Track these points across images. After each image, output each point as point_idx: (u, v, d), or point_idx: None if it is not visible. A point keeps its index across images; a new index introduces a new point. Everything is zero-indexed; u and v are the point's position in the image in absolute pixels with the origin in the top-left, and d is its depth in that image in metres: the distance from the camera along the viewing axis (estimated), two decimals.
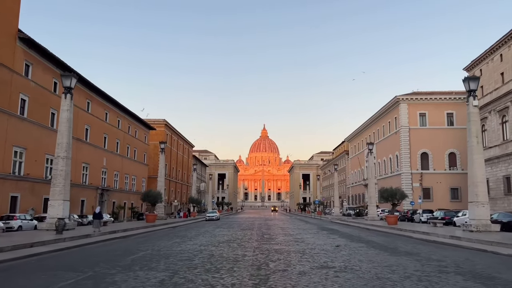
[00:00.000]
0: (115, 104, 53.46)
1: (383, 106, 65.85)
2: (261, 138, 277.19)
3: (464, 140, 60.03)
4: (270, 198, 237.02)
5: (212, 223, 43.44)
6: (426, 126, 59.91)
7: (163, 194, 46.66)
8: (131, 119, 60.04)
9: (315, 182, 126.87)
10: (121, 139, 56.21)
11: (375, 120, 71.68)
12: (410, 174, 59.02)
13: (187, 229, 31.63)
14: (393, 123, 63.27)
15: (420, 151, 59.27)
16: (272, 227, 34.11)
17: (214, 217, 51.78)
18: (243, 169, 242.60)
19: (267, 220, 50.91)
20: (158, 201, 38.66)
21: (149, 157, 74.67)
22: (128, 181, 58.98)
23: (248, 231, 28.14)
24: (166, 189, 78.97)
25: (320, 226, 36.85)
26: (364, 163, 78.23)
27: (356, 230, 30.57)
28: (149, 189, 42.89)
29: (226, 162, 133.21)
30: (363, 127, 79.07)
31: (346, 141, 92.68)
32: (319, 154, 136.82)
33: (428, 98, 59.92)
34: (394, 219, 34.55)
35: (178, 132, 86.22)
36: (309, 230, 29.12)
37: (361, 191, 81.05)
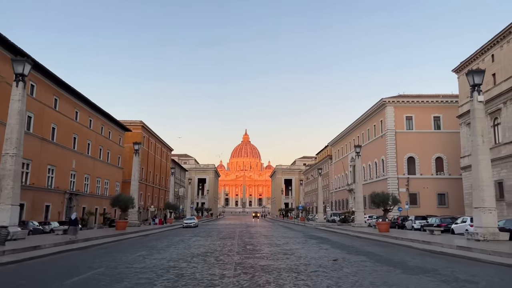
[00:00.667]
0: (86, 103, 49.64)
1: (369, 109, 63.81)
2: (243, 143, 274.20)
3: (451, 144, 58.70)
4: (251, 204, 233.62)
5: (189, 230, 40.07)
6: (412, 129, 58.04)
7: (137, 199, 43.04)
8: (104, 119, 56.19)
9: (297, 187, 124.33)
10: (93, 140, 52.31)
11: (360, 124, 69.61)
12: (397, 178, 56.95)
13: (159, 238, 28.25)
14: (379, 127, 61.21)
15: (406, 155, 57.30)
16: (255, 235, 31.03)
17: (192, 224, 48.37)
18: (224, 174, 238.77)
19: (249, 227, 47.77)
20: (129, 206, 35.10)
21: (124, 160, 70.62)
22: (100, 185, 54.99)
23: (228, 240, 24.99)
24: (142, 194, 75.09)
25: (307, 233, 33.97)
26: (348, 168, 76.07)
27: (347, 239, 27.80)
28: (119, 193, 39.17)
29: (207, 167, 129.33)
30: (348, 131, 76.99)
31: (330, 145, 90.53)
32: (302, 159, 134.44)
33: (415, 101, 58.12)
34: (386, 226, 31.96)
35: (155, 134, 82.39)
36: (296, 239, 26.17)
37: (344, 196, 78.80)
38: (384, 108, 58.45)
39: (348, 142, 77.07)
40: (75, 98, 46.93)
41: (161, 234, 34.03)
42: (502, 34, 39.73)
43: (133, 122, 72.26)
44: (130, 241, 25.70)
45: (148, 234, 33.00)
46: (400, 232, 32.88)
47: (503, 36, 39.56)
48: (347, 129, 76.87)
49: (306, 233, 33.95)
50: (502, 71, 42.48)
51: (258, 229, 42.11)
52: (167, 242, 23.79)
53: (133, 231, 34.01)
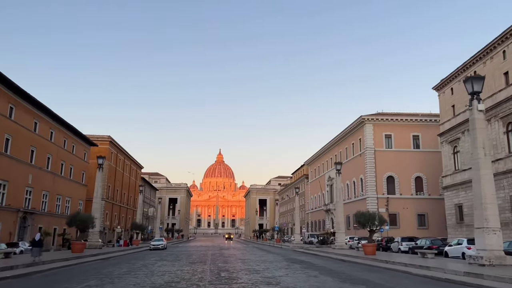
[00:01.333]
0: (47, 113, 45.63)
1: (347, 127, 62.14)
2: (217, 162, 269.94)
3: (430, 164, 57.36)
4: (224, 225, 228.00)
5: (157, 253, 36.27)
6: (392, 148, 56.58)
7: (99, 218, 39.05)
8: (68, 132, 52.04)
9: (272, 208, 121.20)
10: (53, 154, 48.04)
11: (338, 142, 67.84)
12: (376, 198, 54.94)
13: (120, 262, 24.58)
14: (358, 145, 59.48)
15: (386, 174, 55.54)
16: (230, 258, 27.74)
17: (160, 246, 44.43)
18: (197, 194, 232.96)
19: (222, 250, 44.22)
20: (89, 226, 31.16)
21: (89, 177, 65.87)
22: (60, 203, 50.38)
23: (199, 265, 21.68)
24: (108, 214, 70.29)
25: (286, 257, 30.91)
26: (325, 187, 73.87)
27: (332, 263, 24.97)
28: (77, 212, 35.09)
29: (179, 186, 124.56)
30: (325, 150, 75.10)
31: (306, 164, 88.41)
32: (277, 179, 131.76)
33: (394, 120, 56.90)
34: (372, 248, 29.37)
35: (125, 151, 78.16)
36: (276, 263, 23.12)
37: (321, 217, 76.29)
38: (363, 126, 56.86)
39: (325, 161, 75.12)
40: (35, 107, 42.98)
41: (124, 257, 30.21)
42: (485, 50, 38.81)
43: (100, 137, 68.11)
44: (84, 266, 21.99)
45: (109, 258, 29.17)
46: (387, 255, 30.34)
47: (487, 52, 38.62)
48: (324, 147, 75.03)
49: (285, 256, 30.89)
50: (485, 89, 41.56)
51: (232, 252, 38.71)
52: (127, 267, 20.27)
53: (91, 254, 30.09)
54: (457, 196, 43.26)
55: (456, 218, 43.28)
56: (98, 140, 67.25)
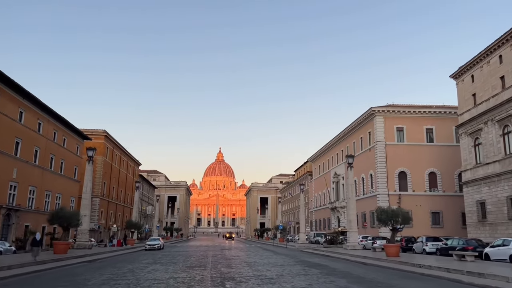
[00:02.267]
0: (35, 102, 41.82)
1: (355, 120, 58.34)
2: (217, 161, 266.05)
3: (445, 158, 53.59)
4: (224, 224, 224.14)
5: (151, 254, 32.49)
6: (404, 142, 52.76)
7: (88, 215, 35.27)
8: (58, 124, 48.21)
9: (274, 206, 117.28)
10: (42, 147, 44.23)
11: (345, 136, 64.01)
12: (387, 195, 51.12)
13: (103, 266, 20.79)
14: (367, 139, 55.67)
15: (397, 169, 51.74)
16: (233, 261, 23.95)
17: (156, 246, 40.65)
18: (197, 193, 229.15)
19: (223, 250, 40.42)
20: (74, 223, 27.33)
21: (83, 173, 61.51)
22: (50, 200, 46.56)
23: (198, 270, 17.91)
24: (104, 212, 66.50)
25: (297, 258, 27.16)
26: (330, 184, 70.08)
27: (352, 266, 21.24)
28: (60, 207, 31.23)
29: (178, 184, 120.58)
30: (330, 145, 71.29)
31: (310, 161, 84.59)
32: (279, 177, 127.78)
33: (406, 111, 53.07)
34: (396, 249, 25.65)
35: (121, 146, 74.33)
36: (289, 268, 19.37)
37: (326, 215, 72.53)
38: (373, 118, 53.05)
39: (331, 156, 71.32)
40: (19, 95, 39.16)
41: (112, 259, 26.41)
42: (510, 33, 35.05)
43: (95, 131, 64.35)
44: (60, 271, 18.24)
45: (95, 260, 25.37)
46: (411, 256, 26.55)
47: None
48: (329, 143, 71.21)
49: (296, 258, 27.11)
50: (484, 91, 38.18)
51: (235, 253, 34.93)
52: (110, 273, 16.50)
53: (76, 256, 26.30)
54: (478, 192, 39.50)
55: (478, 216, 39.50)
56: (93, 135, 63.45)
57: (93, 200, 63.94)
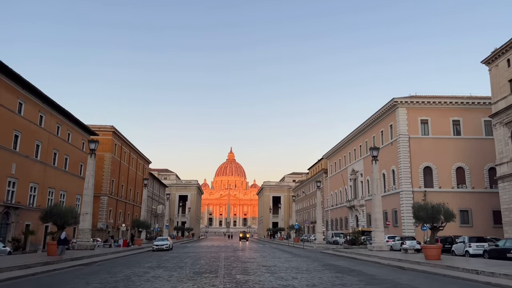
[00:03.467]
0: (35, 93, 38.95)
1: (375, 112, 54.43)
2: (228, 161, 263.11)
3: (474, 152, 49.65)
4: (236, 224, 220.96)
5: (158, 256, 29.17)
6: (428, 135, 48.72)
7: (90, 212, 32.15)
8: (61, 117, 45.36)
9: (287, 205, 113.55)
10: (44, 141, 41.39)
11: (363, 131, 60.09)
12: (411, 192, 47.16)
13: (97, 271, 17.51)
14: (388, 132, 51.72)
15: (422, 165, 47.74)
16: (250, 265, 20.50)
17: (164, 247, 37.39)
18: (208, 193, 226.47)
19: (236, 251, 36.99)
20: (69, 222, 24.17)
21: None
22: (53, 198, 43.66)
23: (208, 278, 14.50)
24: (113, 210, 63.64)
25: (321, 262, 23.59)
26: (348, 182, 66.19)
27: (388, 271, 17.79)
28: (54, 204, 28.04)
29: (189, 183, 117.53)
30: (347, 141, 67.39)
31: (325, 158, 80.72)
32: (291, 175, 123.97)
33: (431, 102, 49.02)
34: (437, 251, 21.96)
35: (130, 143, 71.43)
36: (316, 273, 15.92)
37: (343, 214, 68.65)
38: (396, 109, 49.14)
39: (348, 152, 67.41)
40: (19, 85, 36.32)
41: (112, 262, 23.14)
42: None
43: (102, 127, 61.52)
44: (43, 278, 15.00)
45: (92, 263, 22.13)
46: (456, 260, 22.70)
47: None
48: (346, 138, 67.30)
49: (320, 261, 23.52)
50: None
51: (249, 254, 31.47)
52: (98, 282, 13.21)
53: (72, 258, 23.12)
54: None
55: None
56: (100, 130, 60.62)
57: (100, 199, 61.29)
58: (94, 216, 60.71)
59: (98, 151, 62.01)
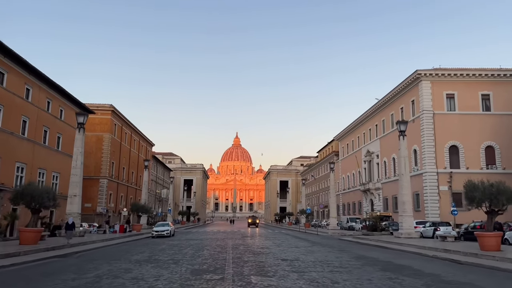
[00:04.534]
0: (18, 62, 34.32)
1: (395, 87, 49.41)
2: (234, 146, 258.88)
3: (506, 130, 44.57)
4: (242, 209, 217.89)
5: (154, 244, 24.88)
6: (455, 111, 43.84)
7: (80, 194, 27.92)
8: (52, 92, 40.90)
9: (295, 190, 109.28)
10: (32, 117, 37.00)
11: (380, 109, 55.12)
12: (436, 173, 42.52)
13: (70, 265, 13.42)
14: (409, 109, 46.80)
15: (448, 143, 42.99)
16: (264, 256, 16.22)
17: (165, 233, 33.17)
18: (214, 178, 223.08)
19: (245, 238, 32.69)
20: (45, 203, 19.83)
21: (88, 152, 55.15)
22: (44, 179, 39.50)
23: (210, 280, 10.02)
24: (113, 194, 59.59)
25: (347, 251, 19.28)
26: (362, 164, 61.51)
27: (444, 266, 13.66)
28: (28, 183, 23.74)
29: (194, 167, 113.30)
30: (361, 120, 62.48)
31: (336, 140, 75.92)
32: (299, 159, 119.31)
33: (457, 75, 43.95)
34: (496, 240, 17.40)
35: (131, 124, 67.06)
36: (360, 273, 11.59)
37: (356, 198, 64.19)
38: (419, 83, 44.16)
39: (362, 133, 62.58)
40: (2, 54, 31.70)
41: (96, 253, 18.87)
42: None
43: (101, 106, 57.09)
44: None
45: (72, 254, 17.86)
46: None
47: None
48: (360, 118, 62.39)
49: (349, 253, 19.07)
50: None
51: (261, 242, 27.13)
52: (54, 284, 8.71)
53: (48, 247, 18.83)
54: None
55: None
56: (99, 109, 56.23)
57: (100, 182, 57.21)
58: (93, 200, 57.04)
59: (97, 131, 58.38)
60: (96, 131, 56.69)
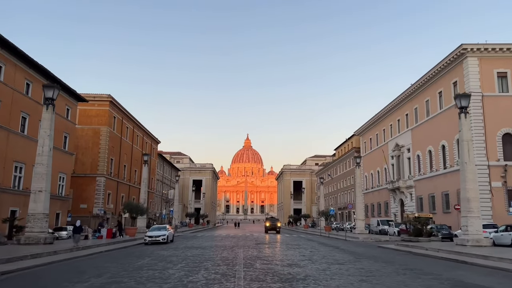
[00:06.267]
0: None
1: (431, 69, 41.90)
2: (244, 148, 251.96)
3: None
4: (253, 211, 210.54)
5: (135, 256, 17.93)
6: (508, 92, 36.35)
7: (47, 189, 21.20)
8: (33, 73, 34.49)
9: (309, 190, 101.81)
10: (5, 100, 30.61)
11: (410, 97, 47.60)
12: (487, 167, 35.06)
13: None
14: (451, 92, 39.25)
15: (500, 131, 35.57)
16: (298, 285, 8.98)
17: (160, 238, 26.15)
18: (225, 180, 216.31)
19: (260, 246, 25.53)
20: None
21: (84, 148, 48.80)
22: (23, 175, 33.04)
23: None
24: (112, 194, 53.05)
25: (430, 273, 11.95)
26: (389, 159, 53.94)
27: None
28: None
29: (203, 167, 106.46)
30: (387, 111, 54.93)
31: (356, 135, 68.41)
32: (314, 158, 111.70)
33: (511, 49, 36.42)
34: None
35: (133, 117, 60.56)
36: None
37: (382, 198, 56.65)
38: (464, 60, 36.71)
39: (389, 125, 55.05)
40: None
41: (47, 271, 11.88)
42: None
43: (97, 96, 50.74)
44: None
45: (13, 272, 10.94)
46: None
47: None
48: (386, 109, 54.83)
49: (429, 274, 11.82)
50: None
51: (284, 254, 20.02)
52: None
53: None
54: None
55: None
56: (95, 100, 49.98)
57: (97, 180, 50.65)
58: (89, 200, 50.49)
59: (93, 124, 51.78)
60: (92, 124, 50.32)
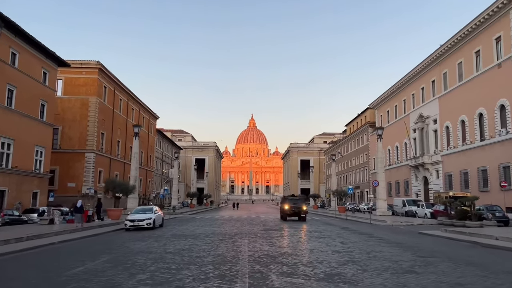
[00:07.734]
0: None
1: (466, 25, 35.25)
2: (249, 128, 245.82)
3: None
4: (258, 192, 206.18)
5: (94, 252, 12.41)
6: None
7: None
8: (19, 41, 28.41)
9: (317, 169, 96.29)
10: None
11: (438, 60, 41.13)
12: None
13: None
14: (491, 49, 32.83)
15: None
16: None
17: (145, 223, 20.63)
18: (230, 160, 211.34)
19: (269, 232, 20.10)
20: None
21: (71, 121, 43.15)
22: (11, 152, 27.43)
23: None
24: (104, 172, 47.66)
25: None
26: (410, 132, 47.86)
27: None
28: None
29: (206, 145, 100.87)
30: (409, 79, 48.49)
31: (372, 108, 62.18)
32: (322, 136, 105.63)
33: None
34: None
35: (127, 89, 54.57)
36: None
37: (402, 176, 50.84)
38: (509, 11, 30.15)
39: (410, 94, 48.70)
40: None
41: None
42: None
43: (84, 63, 44.78)
44: None
45: None
46: None
47: None
48: (408, 75, 48.35)
49: None
50: None
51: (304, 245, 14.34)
52: None
53: None
54: None
55: None
56: (82, 67, 44.14)
57: (85, 156, 45.04)
58: (77, 178, 44.96)
59: (81, 94, 45.58)
60: (80, 94, 44.53)
